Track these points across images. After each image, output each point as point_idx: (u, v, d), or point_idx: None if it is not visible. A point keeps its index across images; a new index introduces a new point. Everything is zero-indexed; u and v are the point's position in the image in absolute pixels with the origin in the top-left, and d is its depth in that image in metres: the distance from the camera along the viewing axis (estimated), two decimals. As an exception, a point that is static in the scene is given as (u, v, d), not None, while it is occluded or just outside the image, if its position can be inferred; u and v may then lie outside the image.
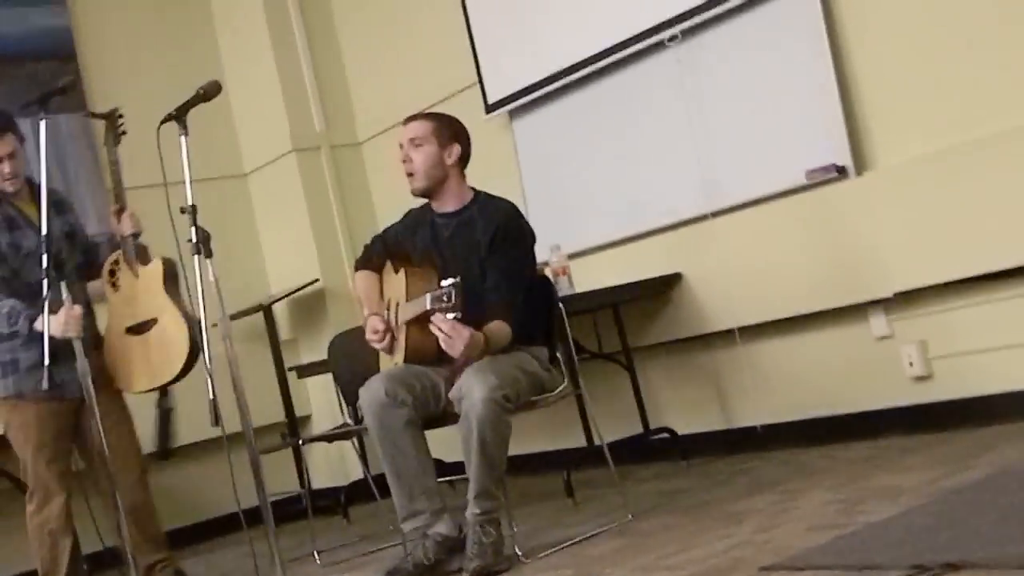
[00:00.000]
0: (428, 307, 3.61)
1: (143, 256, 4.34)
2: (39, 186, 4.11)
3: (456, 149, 4.04)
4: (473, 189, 4.11)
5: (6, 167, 4.25)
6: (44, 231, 3.95)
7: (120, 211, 4.35)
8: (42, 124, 3.98)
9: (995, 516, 2.84)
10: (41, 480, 4.28)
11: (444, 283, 3.55)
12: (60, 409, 4.25)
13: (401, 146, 4.07)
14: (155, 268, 4.28)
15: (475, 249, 3.95)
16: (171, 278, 4.27)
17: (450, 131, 4.06)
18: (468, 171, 4.13)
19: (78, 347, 4.02)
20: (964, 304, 4.27)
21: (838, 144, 4.47)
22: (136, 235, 4.30)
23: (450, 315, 3.54)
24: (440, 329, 3.59)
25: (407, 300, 3.98)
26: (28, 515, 4.32)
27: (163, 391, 4.40)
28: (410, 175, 4.05)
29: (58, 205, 4.39)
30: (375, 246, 4.26)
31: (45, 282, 3.94)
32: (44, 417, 4.25)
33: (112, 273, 4.35)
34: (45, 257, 3.94)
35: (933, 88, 4.25)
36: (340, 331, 4.96)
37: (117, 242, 4.35)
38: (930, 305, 4.37)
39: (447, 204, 4.06)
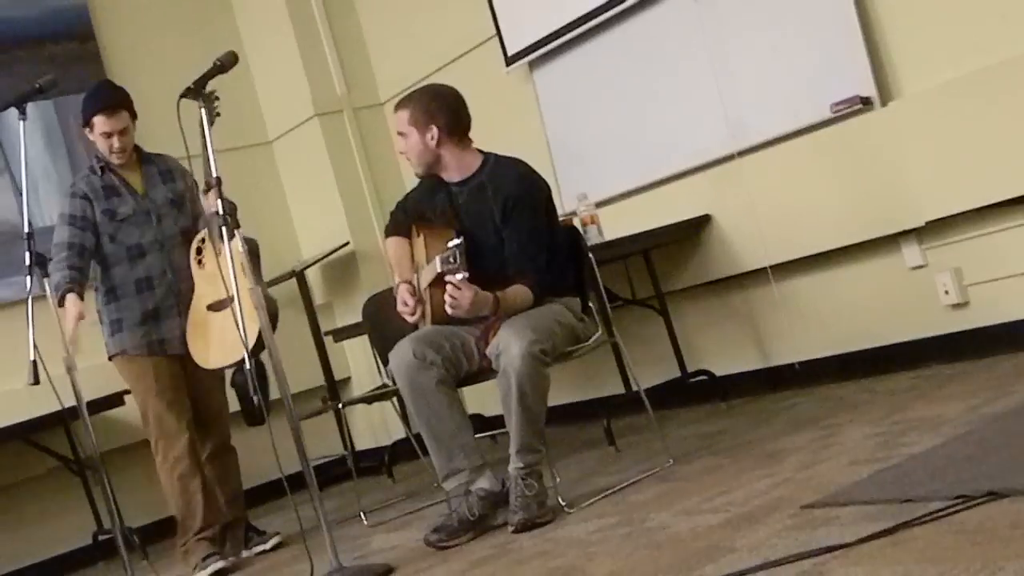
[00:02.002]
0: (439, 269, 3.67)
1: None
2: (147, 155, 4.67)
3: (433, 129, 3.96)
4: (481, 152, 4.07)
5: (116, 142, 4.54)
6: (27, 230, 4.01)
7: (208, 189, 4.40)
8: (21, 125, 4.01)
9: (1037, 441, 2.83)
10: (163, 425, 4.54)
11: (449, 244, 3.57)
12: (166, 362, 4.57)
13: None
14: (235, 246, 4.33)
15: (489, 216, 3.93)
16: (252, 257, 4.33)
17: (423, 113, 3.97)
18: (490, 125, 4.11)
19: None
20: (997, 229, 4.24)
21: (862, 75, 4.42)
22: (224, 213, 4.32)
23: (458, 275, 3.56)
24: (451, 286, 3.62)
25: (427, 263, 4.00)
26: (157, 466, 4.59)
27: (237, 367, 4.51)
28: (409, 161, 4.09)
29: (165, 174, 4.71)
30: (398, 214, 4.26)
31: (28, 279, 4.00)
32: (154, 367, 4.56)
33: (199, 251, 4.54)
34: (28, 255, 4.01)
35: (955, 12, 4.19)
36: (373, 292, 4.97)
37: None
38: (963, 232, 4.34)
39: (453, 175, 4.04)
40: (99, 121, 4.52)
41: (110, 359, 4.68)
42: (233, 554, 4.63)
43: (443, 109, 3.98)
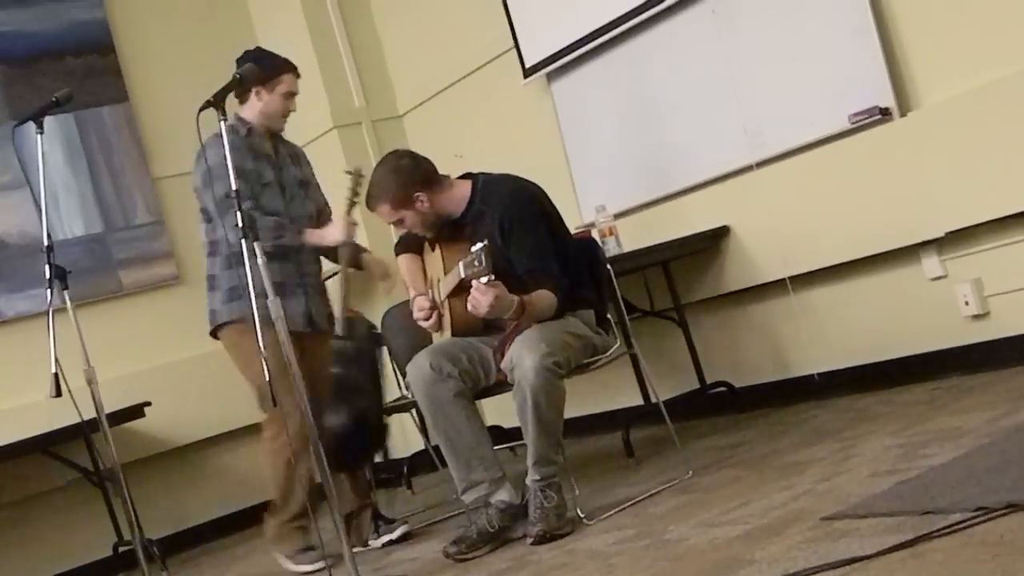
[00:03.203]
0: (463, 275, 3.66)
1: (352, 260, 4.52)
2: (278, 135, 4.66)
3: (418, 197, 3.97)
4: (470, 177, 4.08)
5: (293, 104, 4.59)
6: (46, 243, 4.01)
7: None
8: (39, 139, 4.02)
9: (1058, 453, 2.82)
10: (280, 402, 4.38)
11: (473, 248, 3.56)
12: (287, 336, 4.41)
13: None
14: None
15: (492, 241, 3.92)
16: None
17: (400, 192, 3.98)
18: (508, 137, 4.12)
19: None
20: (1017, 239, 4.22)
21: (880, 85, 4.41)
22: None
23: (483, 279, 3.55)
24: (478, 292, 3.59)
25: (446, 275, 4.00)
26: (267, 443, 4.48)
27: None
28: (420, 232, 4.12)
29: (294, 157, 4.73)
30: (408, 234, 4.26)
31: (48, 291, 3.99)
32: (273, 341, 4.32)
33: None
34: (47, 268, 4.00)
35: (974, 22, 4.18)
36: (392, 305, 4.98)
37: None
38: (983, 242, 4.32)
39: (455, 211, 4.05)
40: (288, 79, 4.54)
41: (215, 331, 4.56)
42: (359, 542, 4.53)
43: (409, 176, 3.99)
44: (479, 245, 3.55)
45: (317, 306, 4.61)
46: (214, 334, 4.61)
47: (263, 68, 4.39)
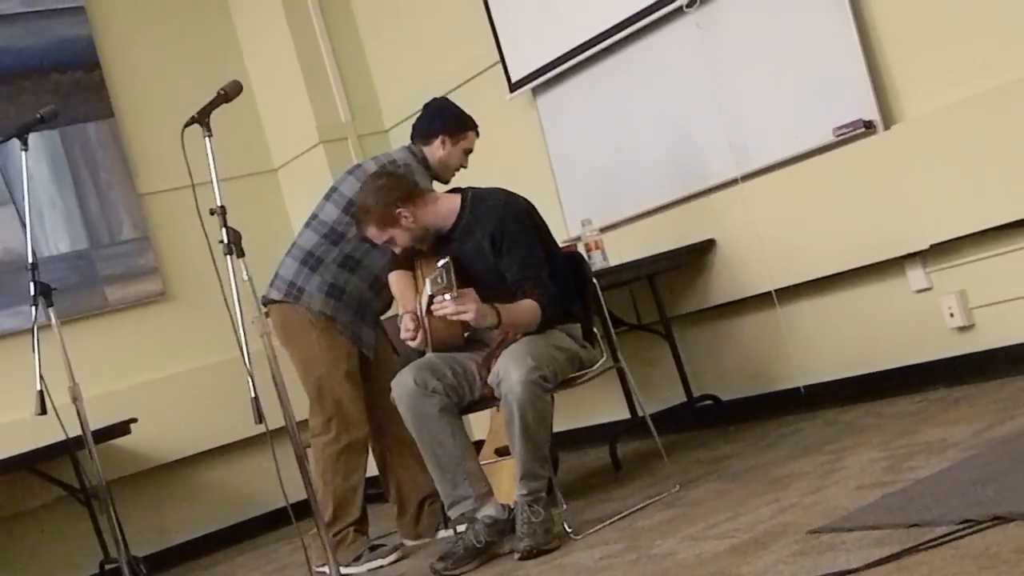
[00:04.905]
0: (430, 291, 3.69)
1: None
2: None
3: (401, 213, 3.97)
4: (459, 191, 4.08)
5: (466, 161, 4.57)
6: (31, 260, 4.02)
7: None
8: (24, 156, 4.02)
9: (1043, 465, 2.82)
10: (344, 407, 4.43)
11: (438, 264, 3.59)
12: (359, 355, 4.51)
13: None
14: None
15: (483, 255, 3.95)
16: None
17: (384, 211, 3.97)
18: (494, 152, 4.13)
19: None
20: (1002, 251, 4.23)
21: (864, 99, 4.43)
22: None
23: (447, 295, 3.59)
24: (444, 309, 3.63)
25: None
26: (322, 444, 4.43)
27: None
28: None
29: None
30: (399, 252, 4.26)
31: (33, 308, 4.02)
32: (349, 351, 4.48)
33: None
34: (32, 285, 4.03)
35: (957, 35, 4.19)
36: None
37: None
38: (967, 255, 4.33)
39: (444, 224, 4.05)
40: (472, 136, 4.56)
41: (284, 303, 4.47)
42: (427, 534, 4.57)
43: (389, 194, 3.98)
44: (442, 262, 3.57)
45: (380, 339, 4.65)
46: (273, 304, 4.51)
47: (450, 121, 4.51)
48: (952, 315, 4.40)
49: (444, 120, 4.51)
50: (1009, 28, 4.04)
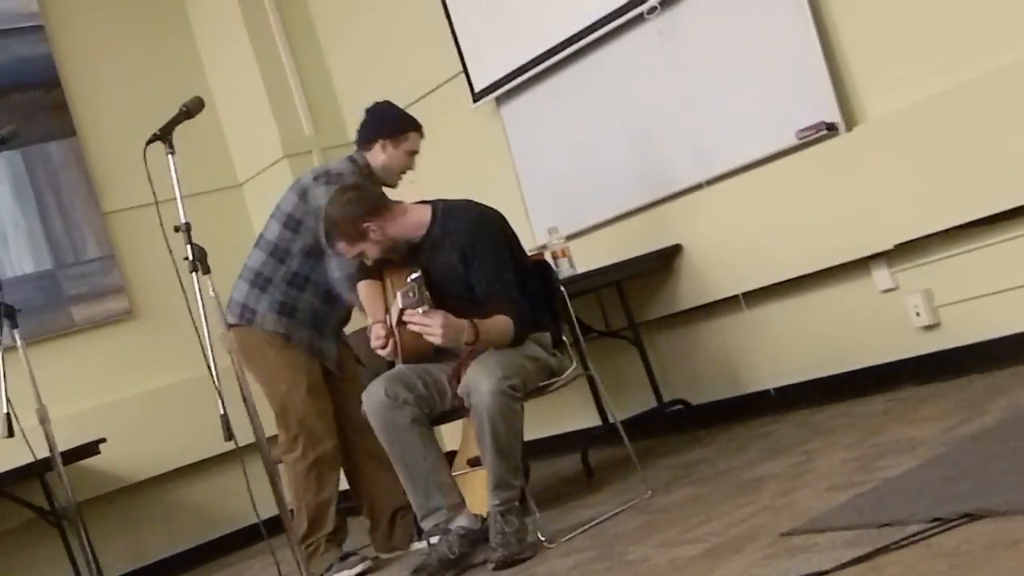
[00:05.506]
0: (400, 305, 3.67)
1: None
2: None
3: (368, 228, 3.93)
4: (429, 203, 4.07)
5: (413, 163, 4.52)
6: None
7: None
8: None
9: (1012, 461, 2.83)
10: (309, 423, 4.39)
11: (409, 279, 3.58)
12: (320, 369, 4.47)
13: None
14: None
15: (453, 268, 3.93)
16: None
17: (351, 228, 3.93)
18: (459, 162, 4.12)
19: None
20: (966, 249, 4.26)
21: (826, 101, 4.45)
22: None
23: (419, 309, 3.57)
24: (414, 323, 3.64)
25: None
26: (291, 461, 4.40)
27: None
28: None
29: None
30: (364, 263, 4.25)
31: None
32: (309, 367, 4.44)
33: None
34: None
35: (916, 35, 4.22)
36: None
37: None
38: (932, 254, 4.36)
39: (413, 236, 4.02)
40: (414, 137, 4.48)
41: (238, 326, 4.42)
42: (401, 546, 4.54)
43: (355, 208, 3.95)
44: (413, 276, 3.57)
45: (343, 352, 4.61)
46: (231, 327, 4.36)
47: (390, 123, 4.44)
48: (918, 314, 4.42)
49: (382, 123, 4.46)
50: (967, 27, 4.08)
